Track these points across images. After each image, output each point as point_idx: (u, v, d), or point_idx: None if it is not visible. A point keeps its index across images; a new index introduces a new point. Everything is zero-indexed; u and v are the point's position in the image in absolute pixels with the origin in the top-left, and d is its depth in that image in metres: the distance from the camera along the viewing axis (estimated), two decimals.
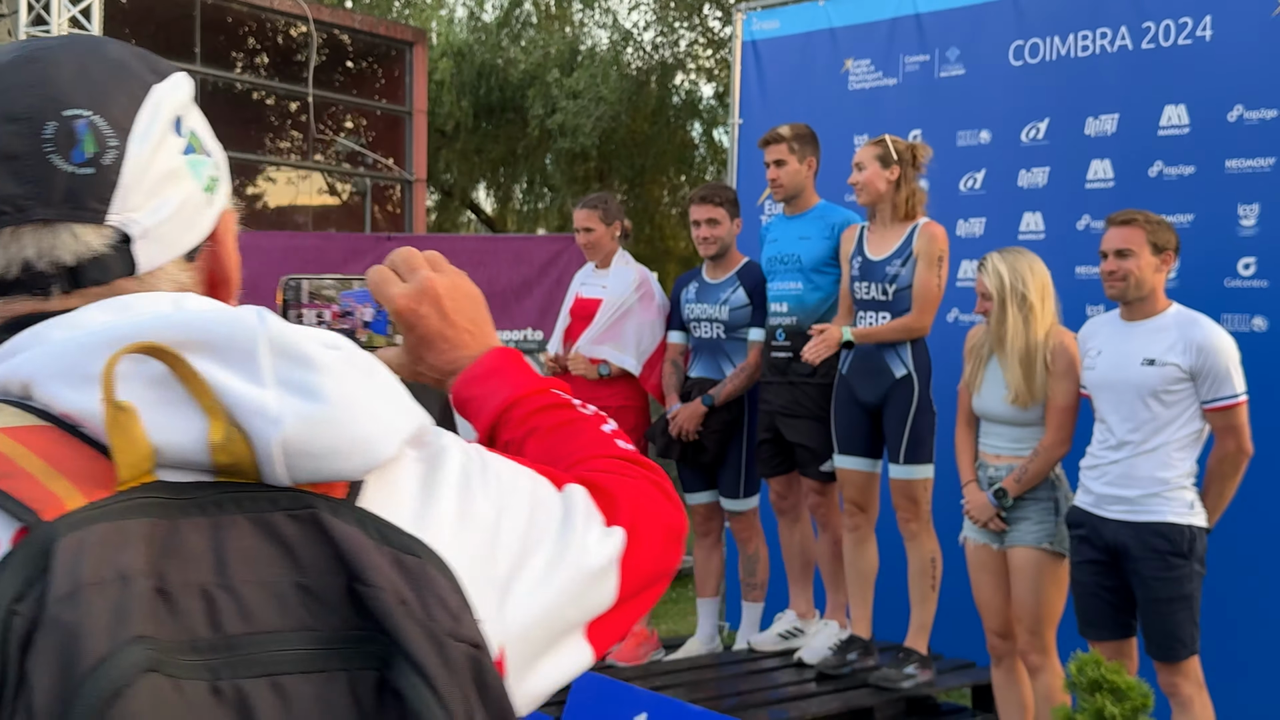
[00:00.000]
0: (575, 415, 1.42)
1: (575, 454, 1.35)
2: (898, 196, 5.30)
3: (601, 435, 1.40)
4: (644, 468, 1.35)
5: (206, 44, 19.68)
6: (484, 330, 1.49)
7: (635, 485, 1.31)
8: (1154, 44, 6.10)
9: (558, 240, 9.01)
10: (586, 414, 1.43)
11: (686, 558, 10.66)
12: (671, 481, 1.37)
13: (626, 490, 1.29)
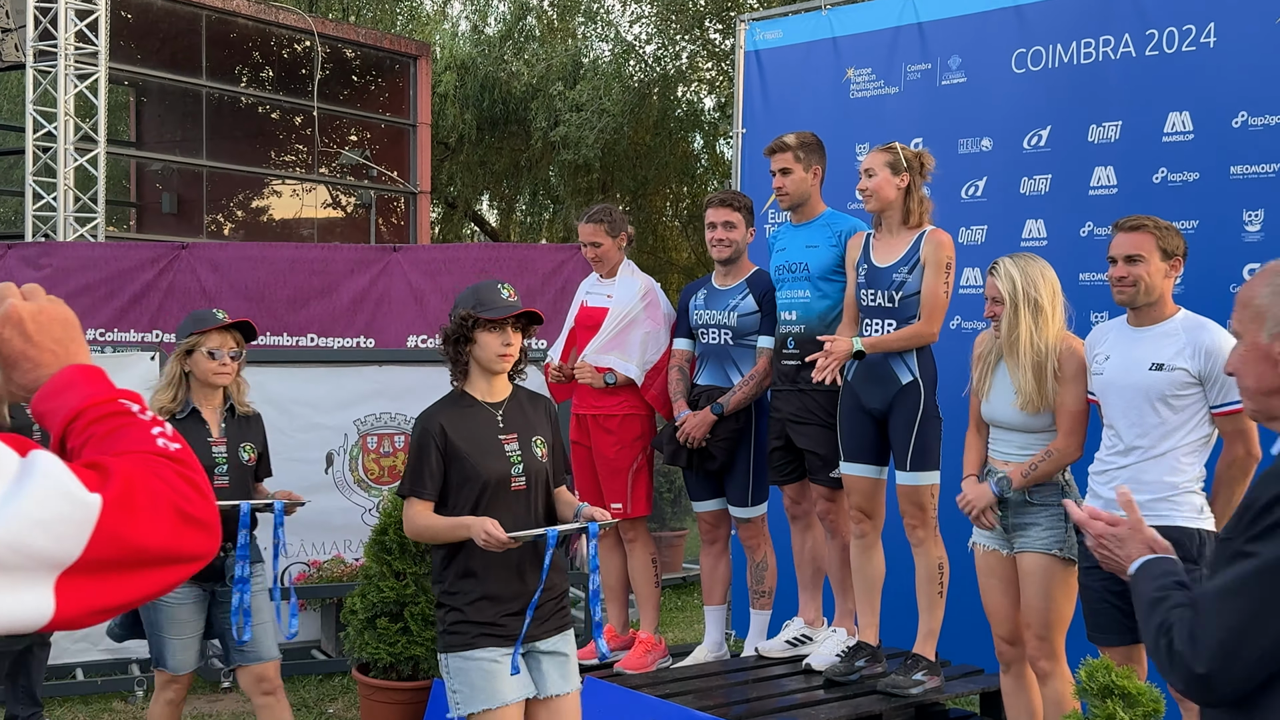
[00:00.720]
0: (129, 420, 1.57)
1: (114, 449, 1.51)
2: (906, 203, 5.27)
3: (146, 435, 1.54)
4: (174, 461, 1.51)
5: (212, 59, 19.69)
6: (68, 350, 1.65)
7: (145, 469, 1.47)
8: (1157, 51, 6.08)
9: (562, 250, 8.99)
10: (143, 419, 1.58)
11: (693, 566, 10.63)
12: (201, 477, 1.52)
13: (126, 470, 1.44)
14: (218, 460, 4.97)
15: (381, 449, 7.70)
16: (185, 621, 4.94)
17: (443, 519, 4.10)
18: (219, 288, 8.98)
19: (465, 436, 4.13)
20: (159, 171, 20.77)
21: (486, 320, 4.13)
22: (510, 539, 3.95)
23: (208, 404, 5.03)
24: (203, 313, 5.08)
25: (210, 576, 4.97)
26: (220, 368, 4.97)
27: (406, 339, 9.05)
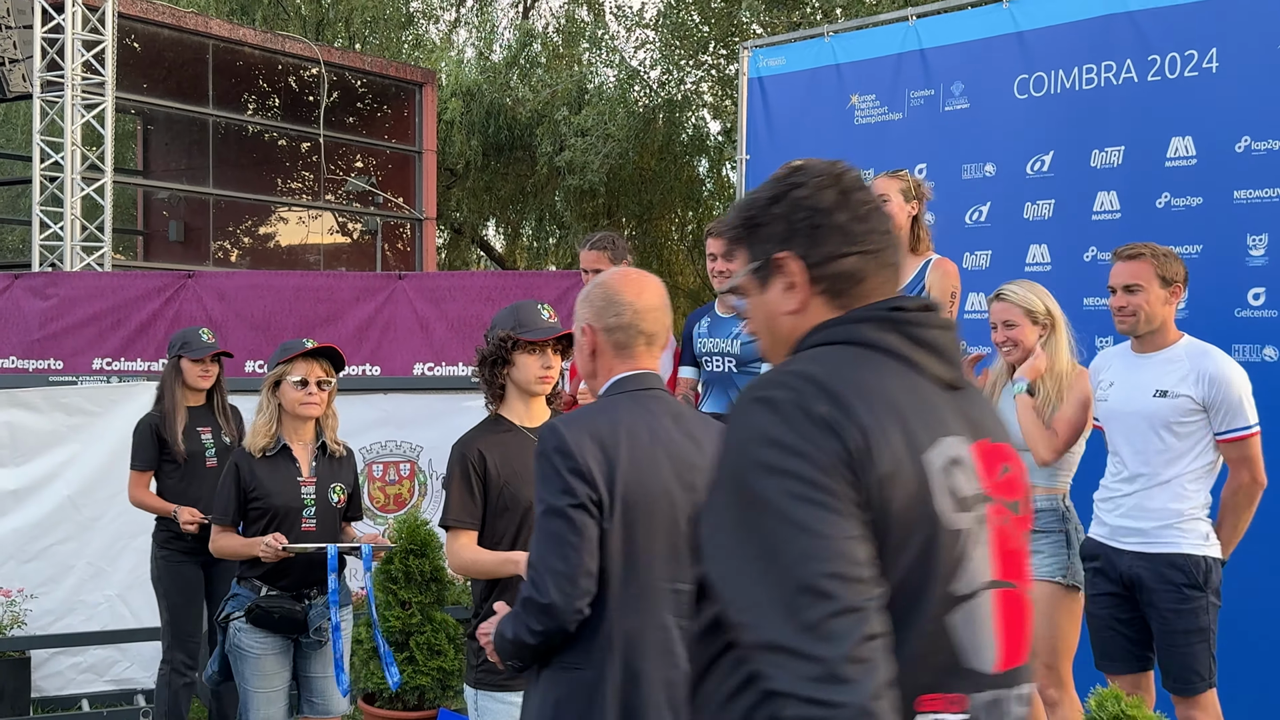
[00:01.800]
0: None
1: None
2: (915, 231, 5.29)
3: None
4: None
5: (219, 87, 19.78)
6: None
7: None
8: (1159, 76, 6.08)
9: (567, 276, 9.00)
10: None
11: None
12: None
13: None
14: (306, 501, 4.82)
15: (387, 477, 7.69)
16: (271, 674, 4.78)
17: (490, 554, 3.93)
18: (225, 317, 9.00)
19: (504, 463, 3.96)
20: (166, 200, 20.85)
21: (526, 342, 3.99)
22: None
23: (299, 439, 4.88)
24: (291, 342, 4.94)
25: (291, 628, 4.81)
26: (308, 397, 4.80)
27: (412, 366, 9.05)
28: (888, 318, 1.94)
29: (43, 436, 7.38)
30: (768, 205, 2.03)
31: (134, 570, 7.42)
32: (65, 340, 9.03)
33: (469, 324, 9.05)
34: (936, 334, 1.97)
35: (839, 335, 1.94)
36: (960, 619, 1.83)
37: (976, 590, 1.85)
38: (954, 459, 1.88)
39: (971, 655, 1.84)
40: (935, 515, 1.82)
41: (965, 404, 1.96)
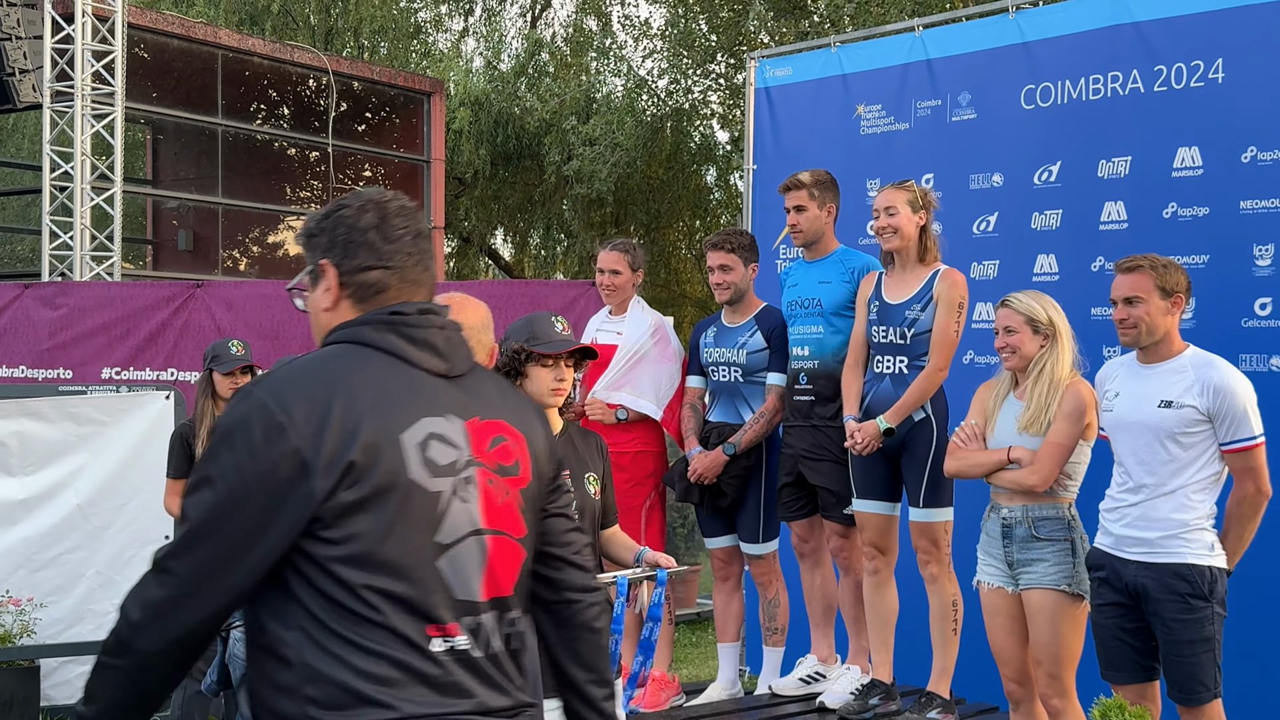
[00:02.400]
0: None
1: None
2: (923, 240, 5.31)
3: None
4: None
5: (228, 96, 19.83)
6: None
7: None
8: (1166, 86, 6.10)
9: (575, 285, 9.02)
10: None
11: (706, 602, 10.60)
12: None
13: None
14: None
15: None
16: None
17: None
18: (234, 326, 9.03)
19: None
20: (175, 209, 20.91)
21: (540, 354, 4.02)
22: None
23: None
24: (288, 359, 4.99)
25: None
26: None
27: None
28: (386, 320, 2.36)
29: (52, 446, 7.42)
30: (321, 220, 2.45)
31: None
32: (74, 350, 9.07)
33: None
34: (433, 333, 2.39)
35: (346, 335, 2.38)
36: (447, 562, 2.27)
37: (461, 538, 2.29)
38: (434, 434, 2.30)
39: (461, 589, 2.28)
40: (411, 481, 2.23)
41: (459, 390, 2.39)
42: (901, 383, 5.26)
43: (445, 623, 2.26)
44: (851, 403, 5.39)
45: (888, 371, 5.32)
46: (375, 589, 2.18)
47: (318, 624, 2.19)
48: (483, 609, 2.32)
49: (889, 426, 5.19)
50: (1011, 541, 4.76)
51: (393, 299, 2.40)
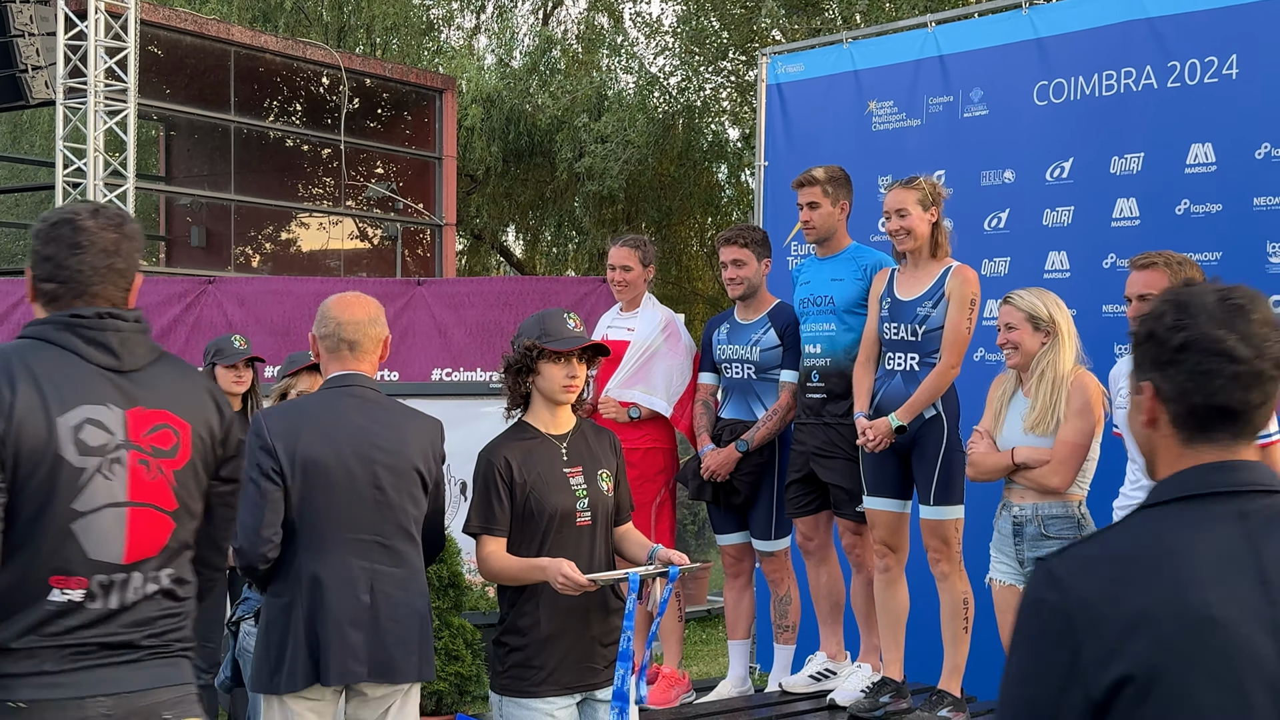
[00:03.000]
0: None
1: None
2: (934, 237, 5.26)
3: None
4: None
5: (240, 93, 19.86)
6: None
7: None
8: (1179, 83, 6.06)
9: (585, 282, 9.02)
10: None
11: (717, 599, 10.57)
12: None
13: None
14: None
15: None
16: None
17: (517, 560, 3.94)
18: (245, 322, 9.04)
19: (529, 470, 3.97)
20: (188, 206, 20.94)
21: (552, 351, 4.00)
22: (590, 582, 3.82)
23: None
24: (297, 354, 4.97)
25: None
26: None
27: (431, 372, 9.08)
28: (66, 322, 2.84)
29: None
30: (35, 236, 2.92)
31: None
32: None
33: (487, 330, 9.08)
34: (109, 335, 2.85)
35: (32, 332, 2.86)
36: (81, 526, 2.76)
37: (98, 507, 2.77)
38: (89, 419, 2.79)
39: (96, 550, 2.77)
40: (60, 457, 2.73)
41: (129, 382, 2.86)
42: (913, 380, 5.23)
43: (72, 576, 2.76)
44: (862, 400, 5.36)
45: (899, 369, 5.29)
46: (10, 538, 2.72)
47: None
48: (122, 569, 2.81)
49: (900, 424, 5.16)
50: (1023, 539, 4.74)
51: (68, 305, 2.87)
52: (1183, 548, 1.80)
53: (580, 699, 4.04)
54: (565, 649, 3.98)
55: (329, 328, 3.91)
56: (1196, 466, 1.88)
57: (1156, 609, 1.74)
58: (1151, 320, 1.94)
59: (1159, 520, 1.85)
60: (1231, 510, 1.83)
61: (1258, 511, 1.83)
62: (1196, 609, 1.73)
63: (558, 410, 4.11)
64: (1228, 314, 1.90)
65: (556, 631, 3.97)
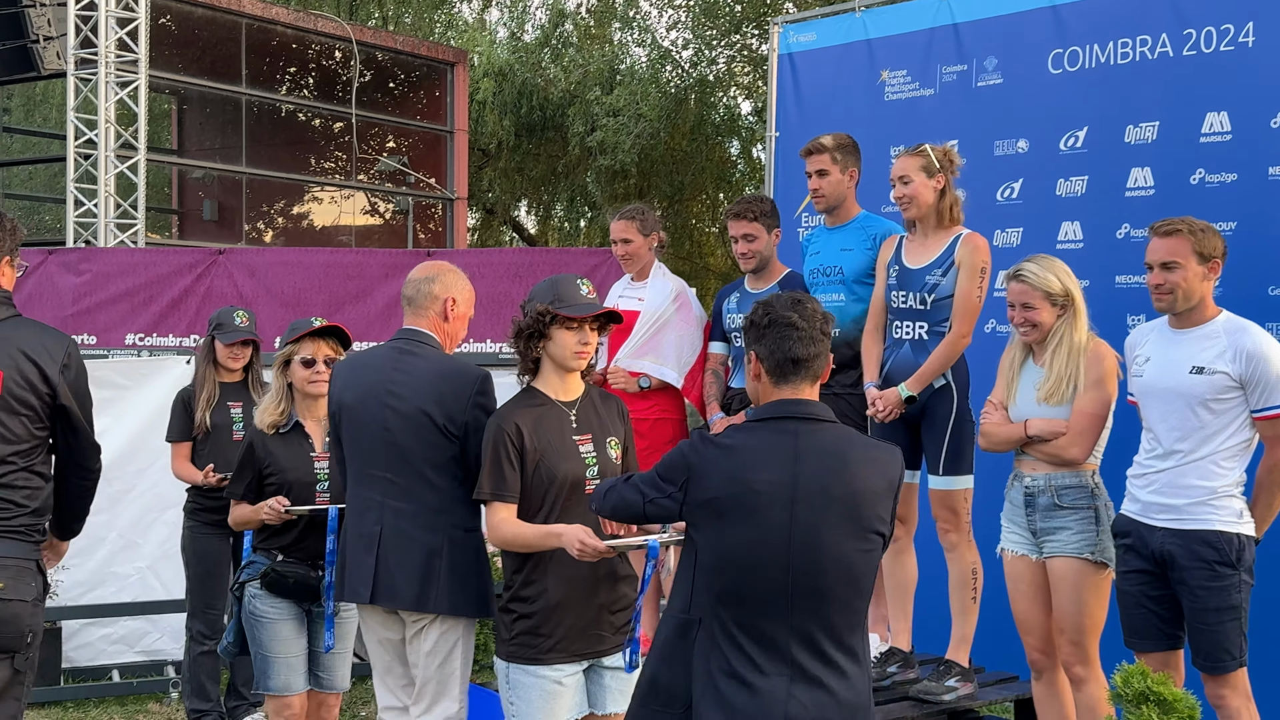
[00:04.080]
0: None
1: None
2: (941, 205, 5.21)
3: None
4: None
5: (251, 66, 19.81)
6: None
7: None
8: (1195, 50, 5.99)
9: (596, 254, 8.97)
10: None
11: None
12: None
13: None
14: (320, 475, 4.89)
15: None
16: (289, 639, 4.86)
17: (531, 527, 3.91)
18: (255, 293, 9.02)
19: (540, 436, 3.94)
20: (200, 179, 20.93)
21: (565, 317, 3.96)
22: (608, 549, 3.77)
23: (311, 416, 4.96)
24: (299, 321, 5.01)
25: (306, 595, 4.88)
26: (316, 375, 4.87)
27: None
28: None
29: None
30: None
31: (164, 543, 7.46)
32: (98, 315, 9.06)
33: (498, 301, 9.03)
34: None
35: None
36: None
37: None
38: None
39: None
40: None
41: None
42: (921, 349, 5.18)
43: None
44: (872, 369, 5.33)
45: (907, 337, 5.24)
46: None
47: None
48: None
49: (911, 394, 5.12)
50: (1035, 510, 4.71)
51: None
52: (753, 446, 3.21)
53: (587, 665, 4.02)
54: (573, 616, 3.95)
55: (404, 289, 4.45)
56: (777, 400, 3.28)
57: (729, 476, 3.19)
58: (751, 315, 3.33)
59: (750, 431, 3.27)
60: (790, 428, 3.22)
61: (806, 430, 3.23)
62: (748, 481, 3.16)
63: (567, 377, 4.07)
64: (792, 303, 3.30)
65: (565, 599, 3.94)
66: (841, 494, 3.15)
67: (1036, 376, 4.76)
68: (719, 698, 3.15)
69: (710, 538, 3.21)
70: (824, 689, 3.12)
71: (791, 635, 3.12)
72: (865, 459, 3.23)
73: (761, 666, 3.13)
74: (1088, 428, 4.60)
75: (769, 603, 3.13)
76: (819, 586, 3.12)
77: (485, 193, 25.00)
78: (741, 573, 3.15)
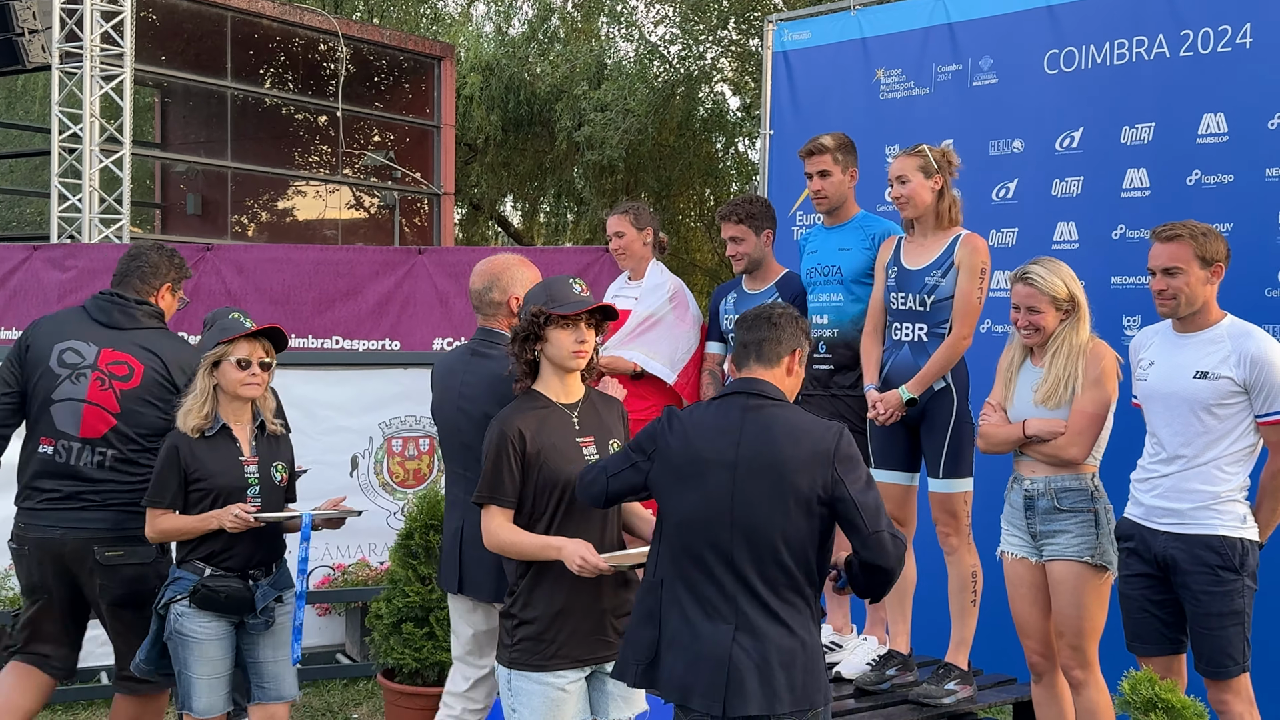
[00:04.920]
0: None
1: None
2: (940, 206, 5.20)
3: None
4: None
5: (236, 59, 19.73)
6: None
7: None
8: (1192, 51, 6.00)
9: (588, 252, 8.94)
10: None
11: None
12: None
13: None
14: (250, 480, 4.70)
15: (406, 452, 7.67)
16: (216, 659, 4.65)
17: (531, 536, 3.90)
18: (244, 290, 8.97)
19: (543, 440, 3.92)
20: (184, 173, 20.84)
21: (559, 316, 3.95)
22: (610, 566, 3.77)
23: (238, 420, 4.77)
24: (227, 321, 4.82)
25: (240, 608, 4.67)
26: (250, 378, 4.70)
27: (432, 341, 9.02)
28: (92, 297, 5.08)
29: None
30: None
31: None
32: None
33: None
34: (104, 304, 5.06)
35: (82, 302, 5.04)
36: (54, 409, 4.91)
37: (64, 399, 4.90)
38: (71, 348, 4.96)
39: (61, 425, 4.90)
40: (48, 366, 4.95)
41: (114, 333, 4.99)
42: (921, 351, 5.18)
43: (47, 438, 4.92)
44: (871, 371, 5.32)
45: (906, 339, 5.24)
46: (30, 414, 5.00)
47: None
48: (77, 440, 4.89)
49: (911, 397, 5.11)
50: (1034, 513, 4.70)
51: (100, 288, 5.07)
52: (706, 420, 3.66)
53: (590, 672, 4.01)
54: (576, 622, 3.93)
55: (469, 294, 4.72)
56: (735, 379, 3.74)
57: (686, 445, 3.63)
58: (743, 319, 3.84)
59: (706, 407, 3.72)
60: (739, 402, 3.65)
61: (752, 405, 3.63)
62: (696, 449, 3.61)
63: (567, 378, 4.05)
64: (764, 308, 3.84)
65: (568, 605, 3.92)
66: (772, 462, 3.53)
67: (1034, 378, 4.76)
68: (676, 643, 3.60)
69: (672, 502, 3.64)
70: (764, 637, 3.50)
71: (738, 587, 3.53)
72: (797, 433, 3.58)
73: (711, 615, 3.55)
74: (1086, 427, 4.60)
75: (717, 559, 3.56)
76: (757, 544, 3.53)
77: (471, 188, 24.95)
78: (694, 532, 3.59)
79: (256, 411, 4.83)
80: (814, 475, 3.51)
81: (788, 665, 3.49)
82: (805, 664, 3.52)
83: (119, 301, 5.06)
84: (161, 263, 5.26)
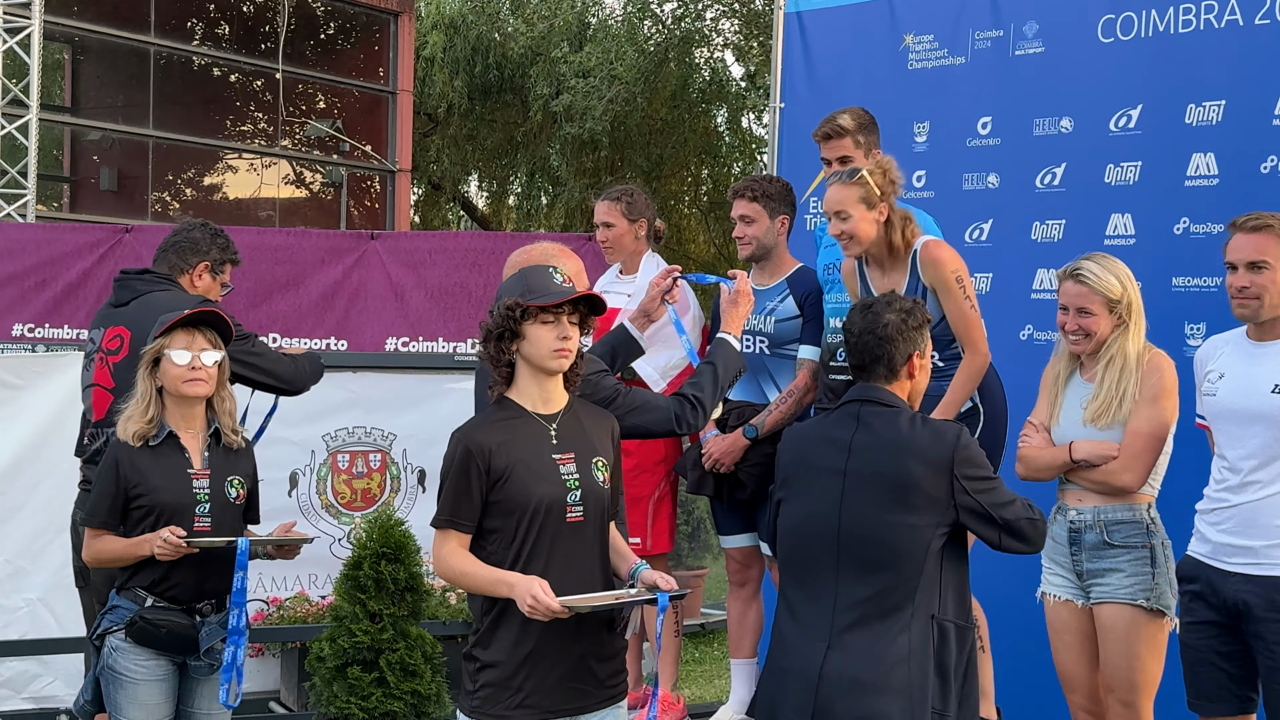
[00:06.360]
0: None
1: None
2: (891, 236, 5.16)
3: None
4: None
5: (161, 12, 19.73)
6: None
7: None
8: (1269, 19, 6.02)
9: (570, 240, 8.95)
10: None
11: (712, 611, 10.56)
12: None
13: None
14: (199, 497, 4.64)
15: (354, 469, 7.67)
16: (150, 704, 4.60)
17: (483, 569, 3.86)
18: None
19: (512, 454, 3.88)
20: (97, 142, 20.79)
21: (538, 309, 3.89)
22: (563, 608, 3.72)
23: (187, 427, 4.71)
24: (167, 314, 4.75)
25: (182, 646, 4.64)
26: (191, 374, 4.62)
27: (385, 341, 9.02)
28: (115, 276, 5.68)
29: None
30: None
31: (59, 570, 7.36)
32: None
33: (452, 293, 9.02)
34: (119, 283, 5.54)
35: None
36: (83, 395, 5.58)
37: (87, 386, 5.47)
38: (90, 337, 5.52)
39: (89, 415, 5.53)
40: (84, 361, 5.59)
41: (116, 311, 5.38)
42: (940, 375, 5.16)
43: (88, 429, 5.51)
44: None
45: None
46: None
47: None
48: (93, 426, 5.39)
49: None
50: (1081, 549, 4.72)
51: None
52: (820, 429, 4.22)
53: None
54: (548, 667, 3.91)
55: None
56: (855, 386, 4.16)
57: (794, 454, 4.19)
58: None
59: (826, 415, 4.36)
60: (853, 410, 4.08)
61: (867, 413, 4.05)
62: (807, 457, 4.13)
63: (548, 384, 4.01)
64: (860, 309, 4.23)
65: (538, 648, 3.89)
66: (882, 471, 3.94)
67: (1084, 393, 4.78)
68: (771, 654, 4.10)
69: (784, 510, 4.16)
70: (858, 652, 3.86)
71: (835, 599, 3.93)
72: (910, 440, 3.97)
73: (805, 629, 3.98)
74: (1142, 450, 4.62)
75: (820, 570, 3.99)
76: (861, 554, 3.91)
77: (431, 164, 24.96)
78: (800, 541, 4.06)
79: (212, 418, 4.79)
80: (931, 484, 3.90)
81: (879, 688, 3.83)
82: (901, 686, 3.84)
83: (132, 277, 5.45)
84: (202, 240, 5.53)
